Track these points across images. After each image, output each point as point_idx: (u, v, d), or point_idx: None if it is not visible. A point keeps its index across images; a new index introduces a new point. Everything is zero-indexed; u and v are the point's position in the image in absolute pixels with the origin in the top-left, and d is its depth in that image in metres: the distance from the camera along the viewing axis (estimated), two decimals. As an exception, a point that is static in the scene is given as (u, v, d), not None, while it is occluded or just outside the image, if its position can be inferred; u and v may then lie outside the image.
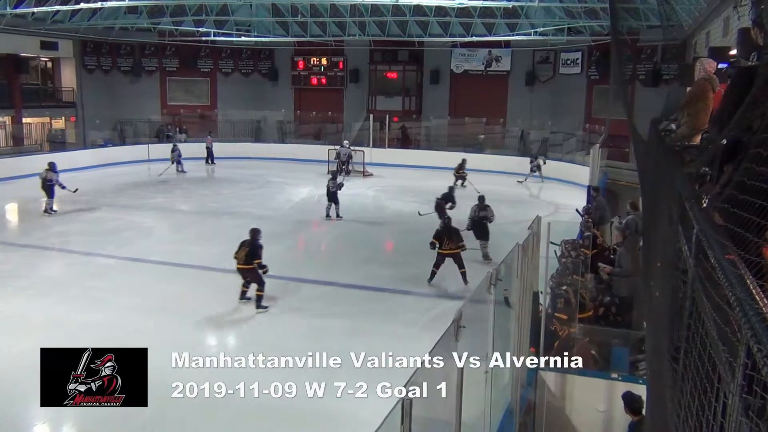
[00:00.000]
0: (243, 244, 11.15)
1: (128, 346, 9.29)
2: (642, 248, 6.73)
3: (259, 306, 11.05)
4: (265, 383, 8.29)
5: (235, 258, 11.08)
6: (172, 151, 25.99)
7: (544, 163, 25.29)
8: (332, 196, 18.03)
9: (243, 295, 11.32)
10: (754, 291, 1.33)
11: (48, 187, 18.48)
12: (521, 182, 24.65)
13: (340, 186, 18.10)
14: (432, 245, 12.46)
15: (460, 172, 23.43)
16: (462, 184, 22.53)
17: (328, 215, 18.05)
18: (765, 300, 1.29)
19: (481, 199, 14.88)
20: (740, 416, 1.17)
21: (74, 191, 18.50)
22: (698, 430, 1.59)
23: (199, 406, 7.75)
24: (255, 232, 11.33)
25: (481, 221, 14.26)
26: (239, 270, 11.13)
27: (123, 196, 21.46)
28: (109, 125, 31.39)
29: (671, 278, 2.71)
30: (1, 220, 19.30)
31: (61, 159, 26.37)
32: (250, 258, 10.89)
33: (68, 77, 32.45)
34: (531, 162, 25.22)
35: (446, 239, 12.43)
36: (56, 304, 11.05)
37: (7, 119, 30.02)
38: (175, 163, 25.85)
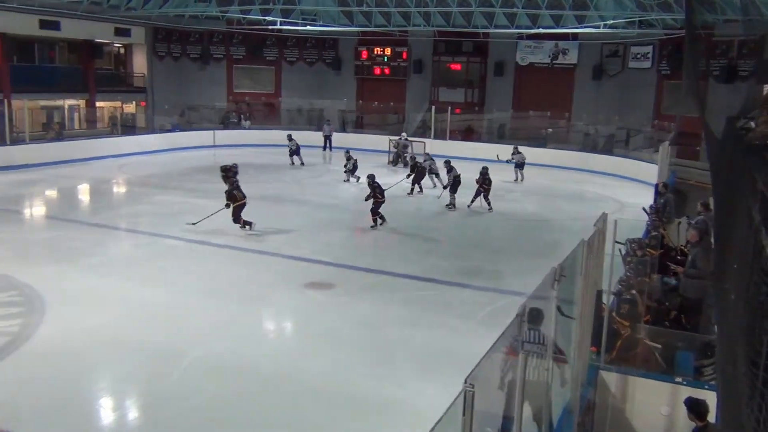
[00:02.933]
0: None
1: (189, 324, 9.62)
2: (714, 250, 6.49)
3: None
4: (321, 368, 8.44)
5: None
6: (290, 140, 26.11)
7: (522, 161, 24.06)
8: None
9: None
10: None
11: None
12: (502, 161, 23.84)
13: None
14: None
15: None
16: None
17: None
18: None
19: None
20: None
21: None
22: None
23: (258, 387, 7.92)
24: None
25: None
26: None
27: (189, 180, 22.02)
28: (176, 111, 32.25)
29: (752, 281, 2.60)
30: (74, 200, 20.07)
31: (131, 143, 27.42)
32: None
33: (140, 63, 33.51)
34: (513, 154, 24.07)
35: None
36: (124, 282, 11.44)
37: (81, 103, 31.21)
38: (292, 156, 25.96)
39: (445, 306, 11.01)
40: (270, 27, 31.98)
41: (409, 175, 20.32)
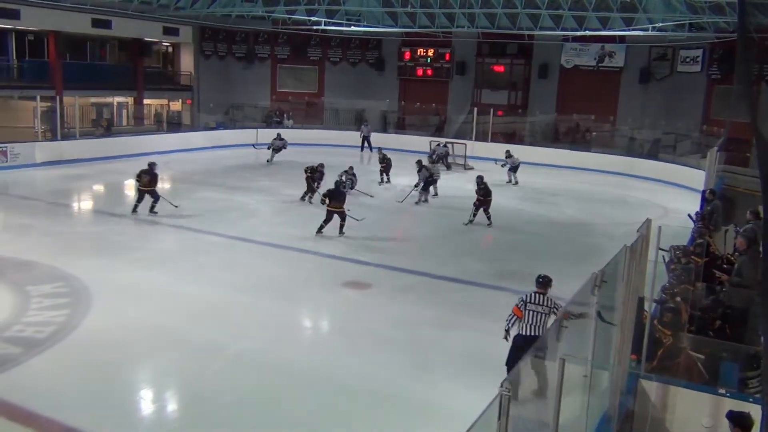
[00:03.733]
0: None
1: (228, 319, 9.75)
2: (763, 259, 6.30)
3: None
4: (355, 367, 8.46)
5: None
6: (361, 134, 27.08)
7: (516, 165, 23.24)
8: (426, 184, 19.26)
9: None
10: None
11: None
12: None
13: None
14: (322, 201, 15.12)
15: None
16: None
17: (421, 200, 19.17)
18: None
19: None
20: None
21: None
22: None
23: (293, 384, 7.98)
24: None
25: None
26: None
27: (231, 177, 22.32)
28: (221, 109, 32.76)
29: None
30: (119, 195, 20.52)
31: (176, 139, 27.95)
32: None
33: (187, 62, 34.16)
34: (507, 157, 23.38)
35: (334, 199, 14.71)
36: (166, 276, 11.67)
37: (130, 100, 31.95)
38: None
39: (482, 309, 10.93)
40: (314, 27, 32.24)
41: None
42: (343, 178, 18.14)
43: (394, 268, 12.90)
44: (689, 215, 13.76)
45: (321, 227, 14.72)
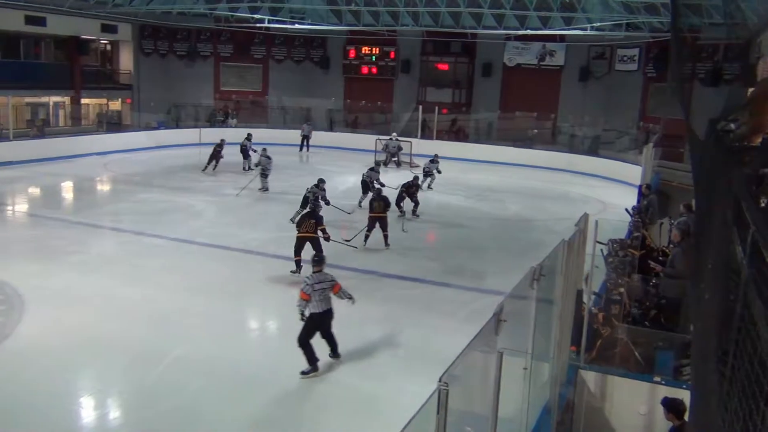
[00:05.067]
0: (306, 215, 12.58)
1: (170, 323, 9.54)
2: (693, 250, 6.54)
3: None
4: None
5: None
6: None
7: (439, 172, 21.49)
8: (366, 186, 18.01)
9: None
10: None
11: (245, 150, 23.59)
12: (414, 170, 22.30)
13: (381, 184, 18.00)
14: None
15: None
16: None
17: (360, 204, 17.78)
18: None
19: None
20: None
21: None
22: (744, 436, 1.53)
23: (239, 386, 7.88)
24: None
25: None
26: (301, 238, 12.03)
27: (174, 178, 21.89)
28: (163, 108, 32.07)
29: (723, 280, 2.61)
30: (57, 197, 19.90)
31: (116, 140, 27.22)
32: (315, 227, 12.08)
33: (126, 60, 33.31)
34: (432, 162, 21.81)
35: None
36: (105, 280, 11.35)
37: (66, 99, 30.97)
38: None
39: (428, 305, 11.02)
40: (258, 25, 31.88)
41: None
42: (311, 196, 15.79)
43: (341, 267, 12.83)
44: (626, 209, 14.16)
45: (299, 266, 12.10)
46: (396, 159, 26.53)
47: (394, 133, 27.77)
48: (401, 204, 16.85)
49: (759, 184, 3.32)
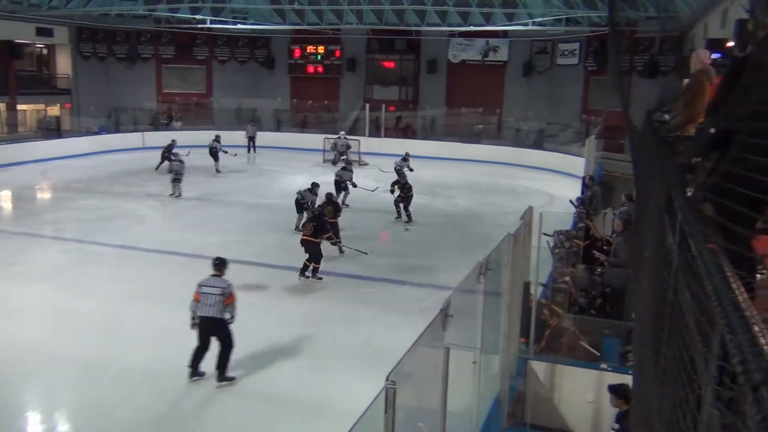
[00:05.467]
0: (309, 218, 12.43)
1: (116, 332, 9.32)
2: (632, 239, 6.71)
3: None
4: (254, 372, 8.32)
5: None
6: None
7: (410, 170, 20.21)
8: (338, 186, 17.93)
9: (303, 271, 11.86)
10: (731, 280, 1.30)
11: (214, 153, 23.28)
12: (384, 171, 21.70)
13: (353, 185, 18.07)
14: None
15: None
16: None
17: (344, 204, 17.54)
18: (742, 290, 1.26)
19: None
20: (711, 407, 1.15)
21: (234, 155, 23.60)
22: (676, 421, 1.57)
23: (189, 394, 7.75)
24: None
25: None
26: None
27: (117, 183, 21.36)
28: (104, 112, 31.24)
29: (657, 269, 2.68)
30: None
31: (56, 146, 26.38)
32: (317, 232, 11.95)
33: (64, 64, 32.28)
34: (403, 160, 20.81)
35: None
36: (48, 291, 11.02)
37: (2, 106, 29.87)
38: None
39: (382, 303, 11.04)
40: (200, 26, 31.33)
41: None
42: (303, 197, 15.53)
43: (295, 268, 12.77)
44: (571, 201, 14.46)
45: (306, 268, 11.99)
46: (345, 158, 26.46)
47: (342, 132, 27.72)
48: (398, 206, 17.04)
49: (691, 173, 3.42)
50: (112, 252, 13.48)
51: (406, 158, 21.58)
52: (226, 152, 23.29)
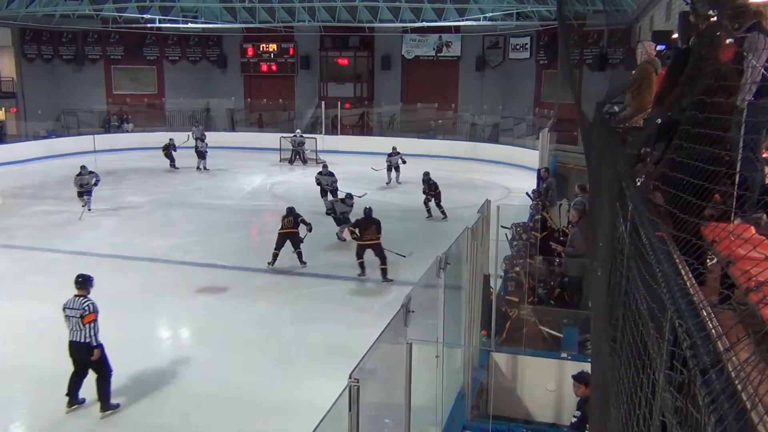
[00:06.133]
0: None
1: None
2: (588, 229, 6.85)
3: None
4: (217, 373, 8.24)
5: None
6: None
7: (404, 162, 21.85)
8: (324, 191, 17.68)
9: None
10: (680, 267, 1.34)
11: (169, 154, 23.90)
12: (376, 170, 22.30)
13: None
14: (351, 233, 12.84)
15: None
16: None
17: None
18: (690, 276, 1.30)
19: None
20: (664, 391, 1.18)
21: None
22: (632, 406, 1.61)
23: (152, 398, 7.63)
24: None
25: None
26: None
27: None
28: (52, 115, 30.43)
29: (610, 257, 2.75)
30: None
31: (2, 152, 25.54)
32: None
33: (7, 66, 31.27)
34: (390, 156, 22.03)
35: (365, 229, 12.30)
36: (0, 300, 10.71)
37: (-57, 111, 28.85)
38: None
39: (343, 301, 11.04)
40: (149, 25, 30.76)
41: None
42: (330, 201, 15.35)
43: (252, 269, 12.68)
44: (527, 193, 14.65)
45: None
46: (300, 156, 26.34)
47: (298, 130, 27.57)
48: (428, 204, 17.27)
49: (640, 163, 3.51)
50: (66, 258, 13.14)
51: (394, 153, 21.73)
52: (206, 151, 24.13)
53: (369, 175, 23.13)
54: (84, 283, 7.44)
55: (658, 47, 6.69)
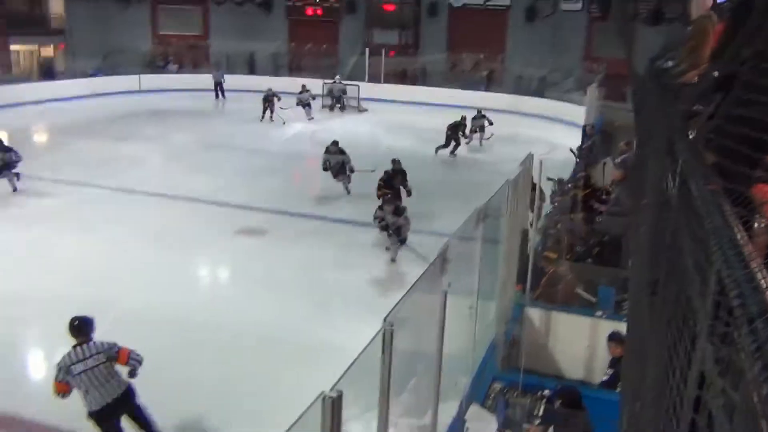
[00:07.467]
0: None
1: (116, 274, 9.39)
2: (633, 186, 6.71)
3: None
4: (255, 315, 8.42)
5: None
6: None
7: (490, 123, 21.05)
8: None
9: None
10: (730, 220, 1.30)
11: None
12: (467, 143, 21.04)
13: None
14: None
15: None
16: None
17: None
18: (741, 228, 1.26)
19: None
20: (706, 342, 1.16)
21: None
22: (670, 360, 1.60)
23: (191, 336, 7.85)
24: None
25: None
26: None
27: (114, 126, 21.19)
28: (99, 54, 30.71)
29: (656, 213, 2.69)
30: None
31: (50, 88, 26.01)
32: None
33: (56, 3, 31.59)
34: (475, 119, 21.01)
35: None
36: (46, 233, 11.05)
37: (-6, 46, 29.36)
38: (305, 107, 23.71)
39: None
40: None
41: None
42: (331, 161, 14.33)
43: (292, 213, 12.81)
44: (571, 149, 14.38)
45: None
46: (341, 104, 26.19)
47: (338, 76, 27.32)
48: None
49: (692, 119, 3.39)
50: (112, 195, 13.48)
51: (479, 115, 21.03)
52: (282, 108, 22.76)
53: (414, 125, 22.96)
54: (81, 328, 5.51)
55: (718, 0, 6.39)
